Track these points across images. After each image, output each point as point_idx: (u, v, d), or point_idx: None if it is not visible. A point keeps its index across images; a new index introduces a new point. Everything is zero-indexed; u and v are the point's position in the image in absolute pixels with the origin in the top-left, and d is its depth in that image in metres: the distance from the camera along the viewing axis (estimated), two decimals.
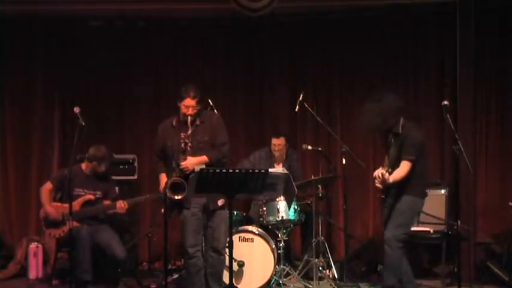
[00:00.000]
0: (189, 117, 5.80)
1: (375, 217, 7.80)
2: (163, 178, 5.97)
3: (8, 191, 8.04)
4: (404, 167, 5.77)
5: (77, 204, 6.67)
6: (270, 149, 7.47)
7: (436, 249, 7.12)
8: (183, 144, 5.77)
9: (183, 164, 5.75)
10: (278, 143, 7.38)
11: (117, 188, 7.08)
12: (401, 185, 5.84)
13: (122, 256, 6.60)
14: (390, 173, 5.81)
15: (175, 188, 5.72)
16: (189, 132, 5.78)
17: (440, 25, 7.78)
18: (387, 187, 5.94)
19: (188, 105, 5.82)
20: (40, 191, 6.88)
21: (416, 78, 7.89)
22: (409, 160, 5.76)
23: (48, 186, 6.85)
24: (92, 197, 6.76)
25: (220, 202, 5.90)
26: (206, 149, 5.89)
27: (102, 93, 8.16)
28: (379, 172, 5.81)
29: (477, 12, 7.34)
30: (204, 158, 5.85)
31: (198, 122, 5.90)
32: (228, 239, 5.55)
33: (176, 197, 5.71)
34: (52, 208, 6.73)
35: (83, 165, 6.86)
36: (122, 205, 6.68)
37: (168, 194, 5.70)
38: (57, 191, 6.85)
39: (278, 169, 6.91)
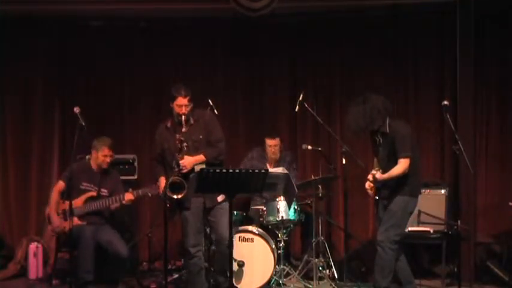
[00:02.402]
0: (183, 116, 5.81)
1: (374, 217, 7.77)
2: (162, 181, 5.98)
3: (8, 190, 8.04)
4: (403, 165, 5.76)
5: (79, 201, 6.68)
6: (263, 149, 7.46)
7: (436, 249, 7.12)
8: (178, 144, 5.77)
9: (181, 162, 5.75)
10: (274, 144, 7.35)
11: None
12: (394, 186, 5.85)
13: (125, 254, 6.59)
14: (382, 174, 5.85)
15: (174, 187, 5.72)
16: (184, 130, 5.79)
17: (440, 25, 7.78)
18: (379, 188, 5.94)
19: (181, 104, 5.85)
20: (52, 191, 6.88)
21: (416, 78, 7.88)
22: (407, 157, 5.77)
23: (60, 186, 6.84)
24: (94, 193, 6.76)
25: (220, 198, 5.89)
26: (202, 147, 5.90)
27: (102, 93, 8.16)
28: (370, 176, 5.84)
29: (477, 12, 7.34)
30: (201, 156, 5.87)
31: (192, 121, 5.91)
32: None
33: (175, 196, 5.71)
34: (57, 217, 6.70)
35: (92, 161, 6.86)
36: (130, 197, 6.66)
37: (168, 194, 5.71)
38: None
39: (278, 169, 6.92)
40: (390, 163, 5.84)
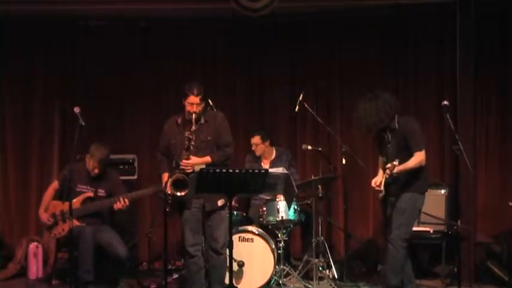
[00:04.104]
0: (194, 114, 5.82)
1: (375, 217, 7.79)
2: (165, 178, 5.96)
3: (8, 191, 8.04)
4: (418, 156, 5.80)
5: (77, 202, 6.67)
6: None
7: (436, 249, 7.12)
8: (186, 142, 5.78)
9: (184, 162, 5.74)
10: (253, 142, 7.41)
11: None
12: (403, 182, 5.85)
13: (124, 255, 6.58)
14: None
15: (178, 184, 5.70)
16: (193, 129, 5.79)
17: (440, 25, 7.78)
18: (388, 185, 5.93)
19: (192, 102, 5.84)
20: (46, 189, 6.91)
21: (416, 78, 7.88)
22: (422, 149, 5.81)
23: (54, 185, 6.87)
24: (91, 194, 6.75)
25: (220, 202, 5.90)
26: (208, 149, 5.90)
27: (102, 93, 8.15)
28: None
29: (477, 12, 7.33)
30: (208, 158, 5.86)
31: (202, 121, 5.92)
32: (227, 239, 5.56)
33: (179, 194, 5.70)
34: (44, 214, 6.74)
35: (87, 163, 6.86)
36: (122, 202, 6.64)
37: (171, 191, 5.69)
38: (62, 189, 6.84)
39: (278, 169, 6.92)
40: (400, 159, 5.83)
